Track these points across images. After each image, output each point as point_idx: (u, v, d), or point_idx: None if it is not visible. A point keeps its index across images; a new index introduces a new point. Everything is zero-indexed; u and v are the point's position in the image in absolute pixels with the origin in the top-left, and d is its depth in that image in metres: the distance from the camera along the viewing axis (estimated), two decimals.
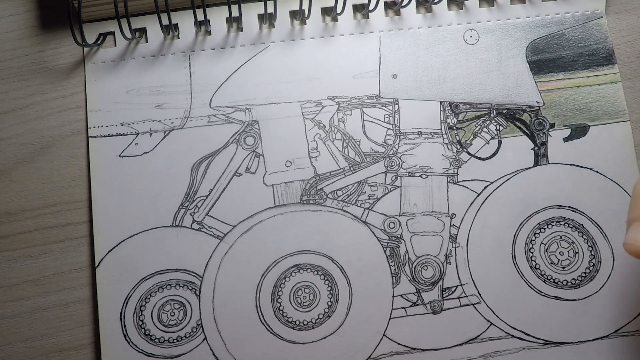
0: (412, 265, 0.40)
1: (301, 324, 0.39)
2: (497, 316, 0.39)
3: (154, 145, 0.41)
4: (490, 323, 0.39)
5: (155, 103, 0.41)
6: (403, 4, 0.42)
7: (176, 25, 0.42)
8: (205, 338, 0.38)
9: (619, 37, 0.43)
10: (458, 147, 0.42)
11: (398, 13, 0.43)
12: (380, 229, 0.40)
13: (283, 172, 0.41)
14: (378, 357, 0.38)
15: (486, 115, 0.42)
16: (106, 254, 0.39)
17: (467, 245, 0.40)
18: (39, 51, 0.42)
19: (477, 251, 0.40)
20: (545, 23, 0.43)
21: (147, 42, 0.42)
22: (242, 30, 0.43)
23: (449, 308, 0.39)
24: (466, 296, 0.39)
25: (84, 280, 0.39)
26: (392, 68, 0.42)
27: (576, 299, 0.40)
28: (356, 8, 0.43)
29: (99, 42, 0.42)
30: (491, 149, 0.42)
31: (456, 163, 0.41)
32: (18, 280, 0.39)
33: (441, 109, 0.42)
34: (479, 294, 0.39)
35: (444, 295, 0.39)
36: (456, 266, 0.40)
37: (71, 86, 0.42)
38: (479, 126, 0.42)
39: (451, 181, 0.41)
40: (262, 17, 0.43)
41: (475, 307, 0.39)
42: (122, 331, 0.38)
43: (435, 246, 0.40)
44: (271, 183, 0.41)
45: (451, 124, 0.42)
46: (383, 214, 0.40)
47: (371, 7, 0.42)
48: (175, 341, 0.38)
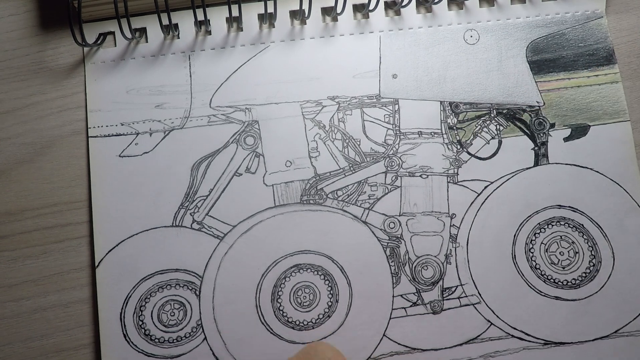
0: (412, 265, 0.40)
1: (301, 324, 0.39)
2: (497, 316, 0.39)
3: (154, 145, 0.41)
4: (490, 323, 0.39)
5: (155, 103, 0.41)
6: (403, 4, 0.42)
7: (176, 25, 0.42)
8: (205, 338, 0.38)
9: (619, 37, 0.43)
10: (458, 147, 0.41)
11: (398, 13, 0.43)
12: (380, 229, 0.40)
13: (283, 172, 0.41)
14: (378, 357, 0.38)
15: (486, 115, 0.42)
16: (106, 254, 0.39)
17: (467, 245, 0.40)
18: (39, 51, 0.42)
19: (477, 251, 0.40)
20: (545, 23, 0.43)
21: (147, 42, 0.42)
22: (242, 30, 0.43)
23: (449, 308, 0.39)
24: (466, 296, 0.39)
25: (84, 280, 0.39)
26: (392, 68, 0.42)
27: (576, 299, 0.40)
28: (356, 8, 0.43)
29: (99, 42, 0.42)
30: (491, 149, 0.42)
31: (456, 163, 0.41)
32: (18, 280, 0.39)
33: (441, 109, 0.42)
34: (479, 294, 0.39)
35: (444, 295, 0.39)
36: (456, 266, 0.40)
37: (71, 86, 0.42)
38: (479, 126, 0.42)
39: (451, 181, 0.41)
40: (262, 17, 0.43)
41: (475, 307, 0.39)
42: (122, 331, 0.38)
43: (435, 246, 0.40)
44: (271, 183, 0.41)
45: (451, 124, 0.42)
46: (383, 214, 0.40)
47: (371, 7, 0.42)
48: (175, 341, 0.38)
